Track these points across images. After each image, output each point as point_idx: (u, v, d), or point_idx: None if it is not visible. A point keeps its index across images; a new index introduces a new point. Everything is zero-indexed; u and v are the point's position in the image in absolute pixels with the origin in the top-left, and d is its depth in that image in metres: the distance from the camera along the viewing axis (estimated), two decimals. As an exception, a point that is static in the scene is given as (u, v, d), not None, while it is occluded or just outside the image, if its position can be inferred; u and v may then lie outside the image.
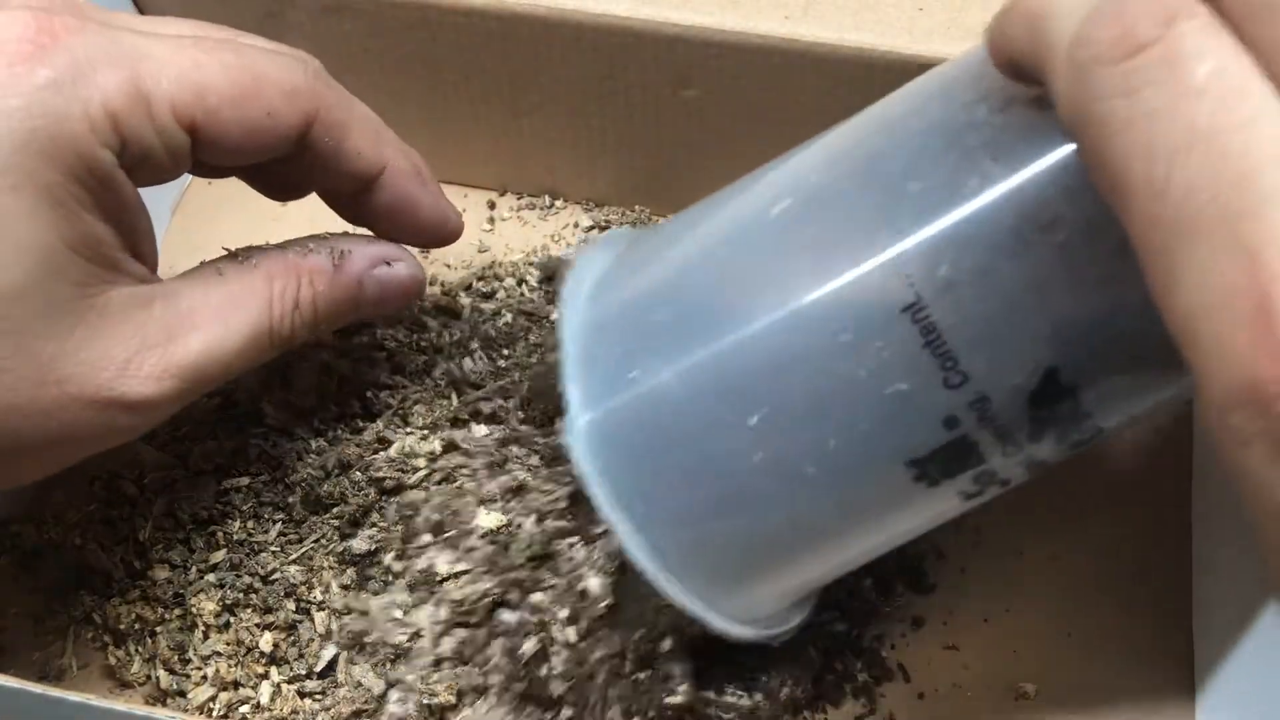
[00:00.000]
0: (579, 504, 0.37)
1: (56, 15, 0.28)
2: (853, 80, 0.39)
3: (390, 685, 0.34)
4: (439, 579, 0.34)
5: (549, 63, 0.42)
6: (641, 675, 0.34)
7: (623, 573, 0.35)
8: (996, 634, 0.38)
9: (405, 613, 0.34)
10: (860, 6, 0.39)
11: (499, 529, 0.35)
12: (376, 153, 0.34)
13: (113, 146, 0.28)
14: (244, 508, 0.37)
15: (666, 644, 0.35)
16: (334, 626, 0.35)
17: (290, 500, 0.37)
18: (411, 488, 0.36)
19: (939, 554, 0.39)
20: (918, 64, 0.38)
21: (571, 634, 0.33)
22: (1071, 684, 0.37)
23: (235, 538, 0.36)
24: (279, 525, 0.37)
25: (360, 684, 0.34)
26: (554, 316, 0.42)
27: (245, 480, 0.37)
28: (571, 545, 0.35)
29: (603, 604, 0.34)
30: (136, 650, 0.36)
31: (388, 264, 0.35)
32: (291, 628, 0.36)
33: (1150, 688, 0.37)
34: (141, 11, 0.44)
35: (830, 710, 0.37)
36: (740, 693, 0.37)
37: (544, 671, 0.33)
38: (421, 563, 0.35)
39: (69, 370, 0.29)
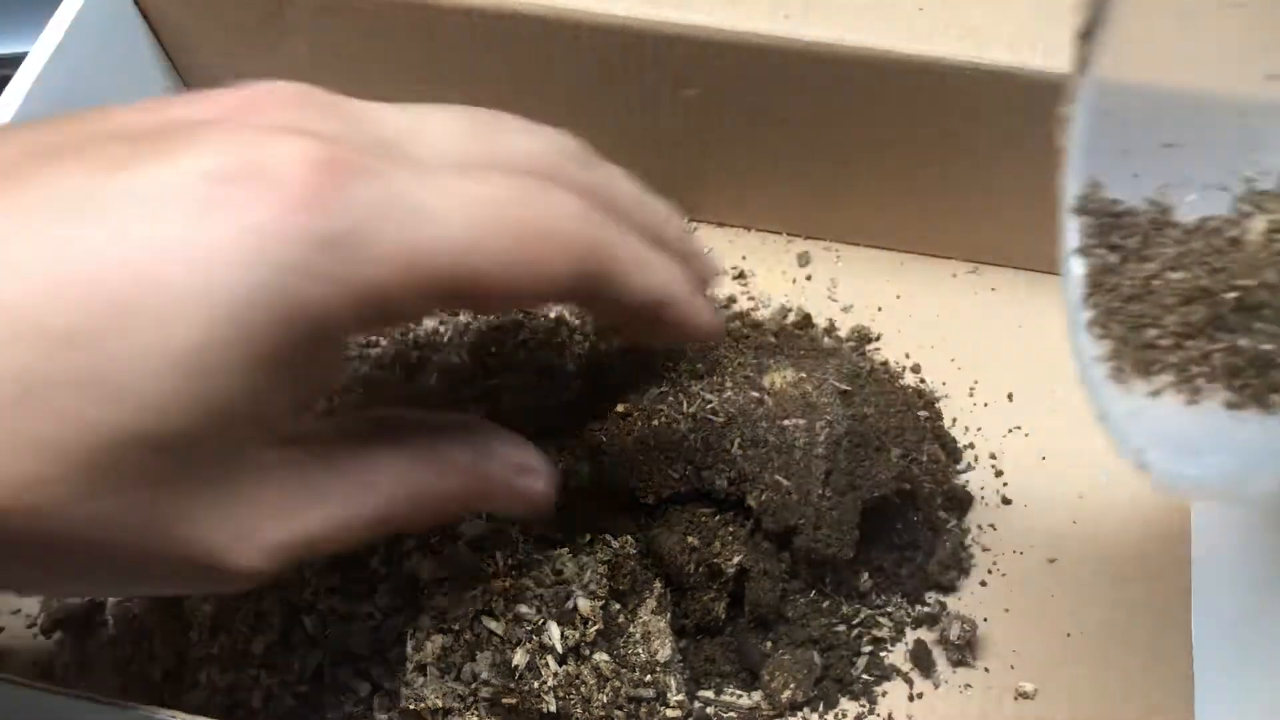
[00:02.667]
0: (565, 514, 0.37)
1: (339, 148, 0.24)
2: (853, 80, 0.39)
3: (375, 690, 0.34)
4: (422, 585, 0.34)
5: (549, 63, 0.42)
6: (636, 689, 0.34)
7: (612, 595, 0.35)
8: (997, 633, 0.38)
9: (388, 617, 0.34)
10: (860, 6, 0.39)
11: (483, 536, 0.35)
12: (651, 291, 0.28)
13: (367, 322, 0.25)
14: None
15: (662, 654, 0.35)
16: (322, 630, 0.35)
17: None
18: None
19: (939, 555, 0.39)
20: (918, 64, 0.38)
21: (562, 648, 0.33)
22: (1071, 684, 0.37)
23: None
24: None
25: (348, 688, 0.34)
26: (551, 315, 0.42)
27: None
28: (558, 556, 0.35)
29: (594, 628, 0.34)
30: (135, 653, 0.36)
31: (523, 472, 0.31)
32: (284, 632, 0.36)
33: (1150, 688, 0.37)
34: (148, 18, 0.44)
35: (830, 710, 0.37)
36: (740, 692, 0.37)
37: (535, 685, 0.33)
38: (405, 568, 0.35)
39: (184, 531, 0.25)
